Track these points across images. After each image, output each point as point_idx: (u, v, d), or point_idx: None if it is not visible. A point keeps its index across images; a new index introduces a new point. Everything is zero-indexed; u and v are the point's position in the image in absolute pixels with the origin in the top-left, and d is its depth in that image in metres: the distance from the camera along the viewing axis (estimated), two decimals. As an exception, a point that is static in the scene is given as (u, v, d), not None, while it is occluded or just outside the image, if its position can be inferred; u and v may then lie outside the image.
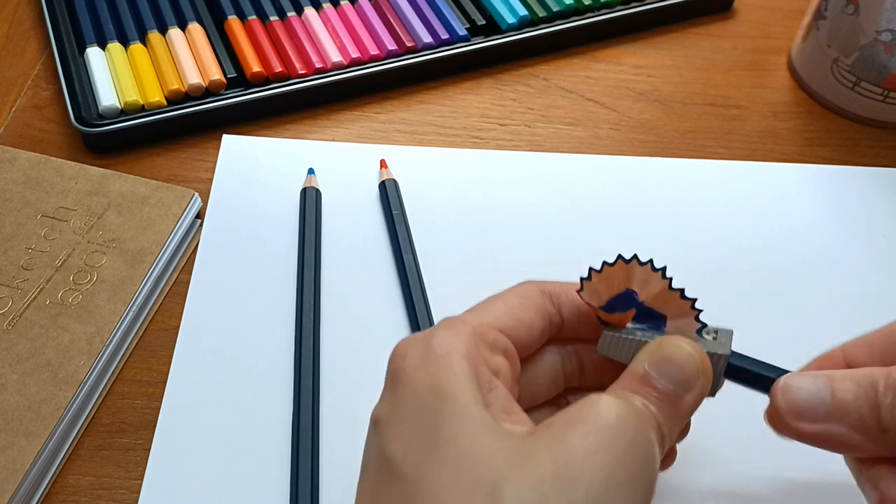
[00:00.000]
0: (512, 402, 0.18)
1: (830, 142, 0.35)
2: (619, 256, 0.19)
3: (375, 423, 0.17)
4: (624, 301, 0.19)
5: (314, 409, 0.25)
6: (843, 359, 0.20)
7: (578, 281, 0.19)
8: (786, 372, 0.19)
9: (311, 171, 0.32)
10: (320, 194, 0.31)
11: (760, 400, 0.19)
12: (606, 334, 0.19)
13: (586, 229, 0.31)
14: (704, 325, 0.19)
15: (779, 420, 0.18)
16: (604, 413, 0.16)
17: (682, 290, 0.19)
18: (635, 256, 0.19)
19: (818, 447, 0.18)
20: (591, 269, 0.19)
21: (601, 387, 0.20)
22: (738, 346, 0.19)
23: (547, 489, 0.15)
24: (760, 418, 0.20)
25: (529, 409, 0.20)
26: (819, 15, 0.36)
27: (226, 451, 0.24)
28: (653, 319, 0.19)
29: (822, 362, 0.20)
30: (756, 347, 0.27)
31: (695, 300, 0.19)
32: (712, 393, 0.19)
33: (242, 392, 0.26)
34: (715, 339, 0.19)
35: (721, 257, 0.31)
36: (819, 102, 0.37)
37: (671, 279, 0.19)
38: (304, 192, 0.31)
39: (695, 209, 0.32)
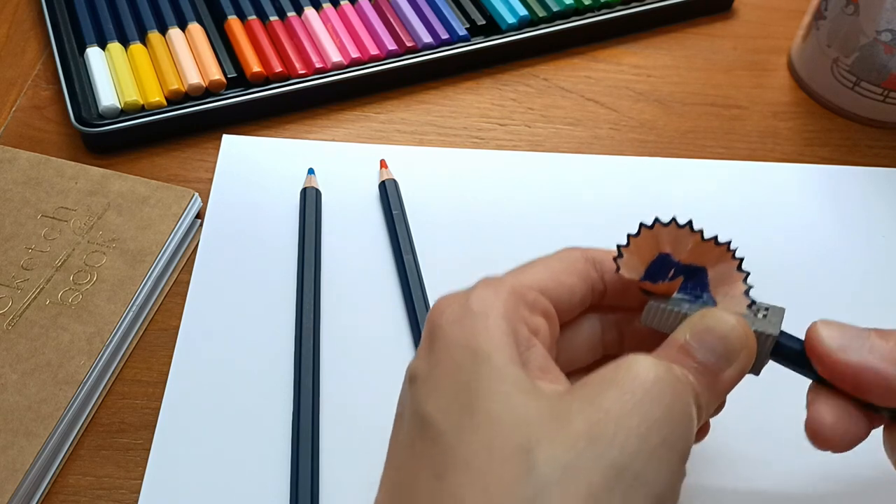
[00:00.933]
0: (549, 361, 0.17)
1: (830, 142, 0.35)
2: (641, 224, 0.19)
3: (412, 378, 0.17)
4: (661, 266, 0.19)
5: (314, 409, 0.25)
6: None
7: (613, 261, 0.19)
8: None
9: (311, 171, 0.32)
10: (320, 194, 0.31)
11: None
12: (651, 305, 0.19)
13: (586, 229, 0.31)
14: (754, 303, 0.18)
15: (817, 352, 0.18)
16: (641, 374, 0.16)
17: (715, 238, 0.18)
18: (657, 220, 0.18)
19: (859, 391, 0.18)
20: (618, 247, 0.19)
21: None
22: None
23: (581, 448, 0.15)
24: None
25: (567, 375, 0.20)
26: (819, 15, 0.36)
27: (226, 451, 0.24)
28: (698, 280, 0.18)
29: None
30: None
31: (729, 242, 0.18)
32: (756, 371, 0.18)
33: (242, 392, 0.26)
34: (765, 316, 0.18)
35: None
36: (819, 102, 0.37)
37: (702, 231, 0.18)
38: (304, 192, 0.31)
39: (695, 209, 0.32)
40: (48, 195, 0.29)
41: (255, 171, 0.32)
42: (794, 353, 0.19)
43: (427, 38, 0.36)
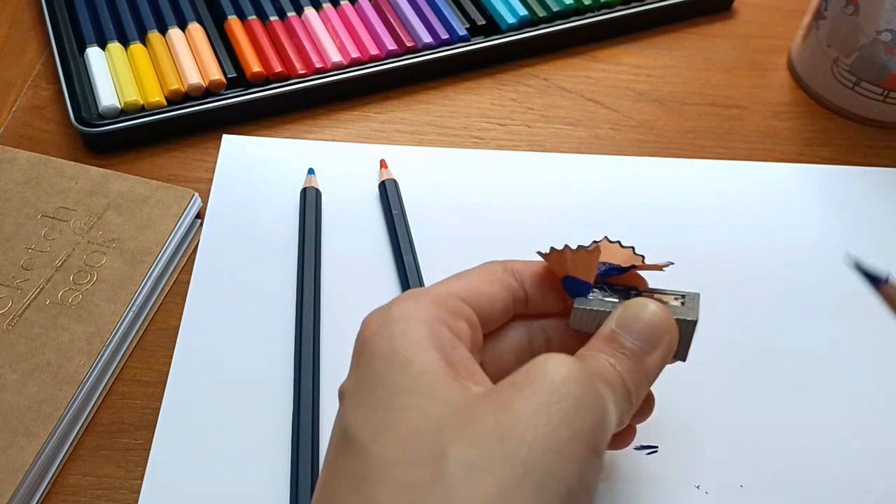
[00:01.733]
0: (473, 363, 0.18)
1: (830, 142, 0.35)
2: (552, 248, 0.20)
3: (340, 396, 0.18)
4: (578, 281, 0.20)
5: (314, 409, 0.25)
6: None
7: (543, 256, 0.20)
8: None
9: (311, 171, 0.32)
10: (320, 194, 0.31)
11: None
12: (578, 308, 0.19)
13: (586, 229, 0.31)
14: (671, 292, 0.20)
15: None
16: (550, 373, 0.16)
17: (618, 241, 0.20)
18: (566, 246, 0.19)
19: None
20: (541, 253, 0.20)
21: None
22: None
23: (490, 449, 0.15)
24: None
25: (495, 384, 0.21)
26: (819, 15, 0.36)
27: (226, 452, 0.24)
28: (616, 279, 0.20)
29: None
30: (756, 346, 0.27)
31: (633, 247, 0.20)
32: (683, 357, 0.19)
33: (242, 392, 0.25)
34: (683, 303, 0.20)
35: (721, 257, 0.30)
36: (819, 102, 0.37)
37: (605, 237, 0.20)
38: (304, 192, 0.31)
39: (695, 209, 0.32)
40: (48, 195, 0.29)
41: (255, 171, 0.32)
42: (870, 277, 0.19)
43: (427, 38, 0.36)
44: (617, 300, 0.20)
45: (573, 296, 0.20)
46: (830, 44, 0.35)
